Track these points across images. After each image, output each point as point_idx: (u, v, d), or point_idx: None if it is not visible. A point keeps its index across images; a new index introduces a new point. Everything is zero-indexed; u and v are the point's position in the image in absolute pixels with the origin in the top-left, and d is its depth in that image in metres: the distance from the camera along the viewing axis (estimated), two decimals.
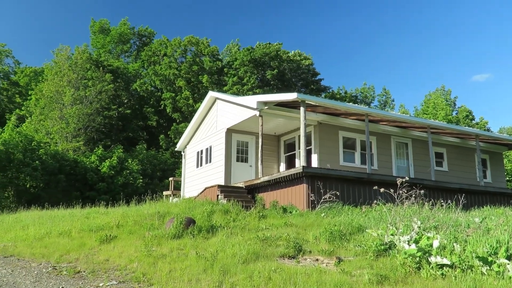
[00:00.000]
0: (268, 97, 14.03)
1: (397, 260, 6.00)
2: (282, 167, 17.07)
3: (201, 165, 18.03)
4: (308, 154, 14.76)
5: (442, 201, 10.30)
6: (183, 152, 20.26)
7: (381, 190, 8.06)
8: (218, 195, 13.28)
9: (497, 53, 76.25)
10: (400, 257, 5.93)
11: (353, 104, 34.52)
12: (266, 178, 13.27)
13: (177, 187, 20.52)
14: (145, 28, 44.88)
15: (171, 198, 18.63)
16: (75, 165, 25.25)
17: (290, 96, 12.83)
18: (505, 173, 23.31)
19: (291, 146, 17.04)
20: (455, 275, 5.33)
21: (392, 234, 7.02)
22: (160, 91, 38.77)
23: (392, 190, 8.06)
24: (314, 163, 14.91)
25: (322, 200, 11.85)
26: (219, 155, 16.37)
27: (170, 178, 20.54)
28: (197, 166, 18.36)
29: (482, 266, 5.46)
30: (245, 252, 6.79)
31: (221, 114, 16.89)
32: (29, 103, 32.78)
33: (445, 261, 5.58)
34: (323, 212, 10.94)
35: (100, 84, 31.92)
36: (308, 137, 14.85)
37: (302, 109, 12.69)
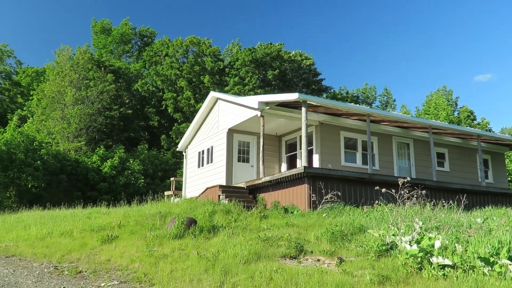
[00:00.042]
0: (270, 97, 14.03)
1: (398, 260, 5.99)
2: (284, 167, 17.07)
3: (202, 165, 18.04)
4: (310, 154, 14.75)
5: (443, 201, 10.29)
6: (185, 152, 20.27)
7: (383, 190, 8.06)
8: (219, 195, 13.29)
9: (499, 53, 76.24)
10: (401, 258, 5.93)
11: (355, 104, 34.59)
12: (267, 178, 13.27)
13: (179, 187, 20.53)
14: (146, 28, 44.93)
15: (172, 198, 18.64)
16: (77, 165, 25.30)
17: (292, 96, 12.84)
18: (507, 173, 23.27)
19: (292, 146, 17.04)
20: (457, 276, 5.33)
21: (393, 235, 7.02)
22: (161, 91, 38.80)
23: (393, 190, 8.06)
24: (316, 163, 14.91)
25: (323, 201, 11.84)
26: (220, 155, 16.38)
27: (171, 178, 20.55)
28: (199, 166, 18.37)
29: (484, 266, 5.45)
30: (247, 252, 6.79)
31: (223, 114, 16.90)
32: (31, 103, 32.86)
33: (447, 261, 5.58)
34: (324, 212, 10.94)
35: (101, 84, 31.98)
36: (309, 137, 14.84)
37: (303, 109, 12.69)
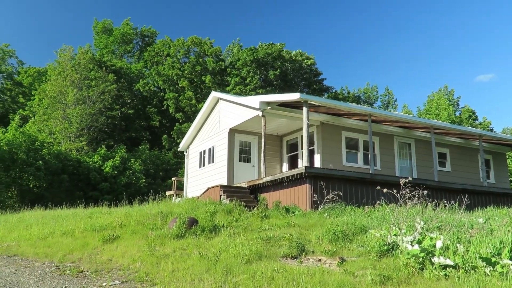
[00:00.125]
0: (271, 97, 14.03)
1: (400, 260, 5.99)
2: (285, 167, 17.07)
3: (203, 165, 18.05)
4: (311, 154, 14.75)
5: (445, 201, 10.27)
6: (186, 152, 20.28)
7: (384, 190, 8.06)
8: (220, 195, 13.30)
9: (501, 53, 76.01)
10: (403, 258, 5.92)
11: (356, 104, 34.59)
12: (268, 178, 13.27)
13: (180, 187, 20.55)
14: (147, 28, 44.96)
15: (173, 198, 18.66)
16: (78, 165, 25.33)
17: (293, 96, 12.83)
18: (509, 173, 23.22)
19: (293, 146, 17.04)
20: (458, 276, 5.32)
21: (395, 235, 7.01)
22: (163, 91, 38.83)
23: (395, 190, 8.06)
24: (317, 163, 14.90)
25: (324, 200, 11.84)
26: (221, 155, 16.39)
27: (172, 178, 20.57)
28: (200, 166, 18.38)
29: (486, 266, 5.44)
30: (248, 252, 6.79)
31: (224, 114, 16.90)
32: (33, 103, 32.91)
33: (448, 261, 5.57)
34: (325, 212, 10.94)
35: (103, 84, 32.01)
36: (310, 137, 14.84)
37: (304, 109, 12.68)
